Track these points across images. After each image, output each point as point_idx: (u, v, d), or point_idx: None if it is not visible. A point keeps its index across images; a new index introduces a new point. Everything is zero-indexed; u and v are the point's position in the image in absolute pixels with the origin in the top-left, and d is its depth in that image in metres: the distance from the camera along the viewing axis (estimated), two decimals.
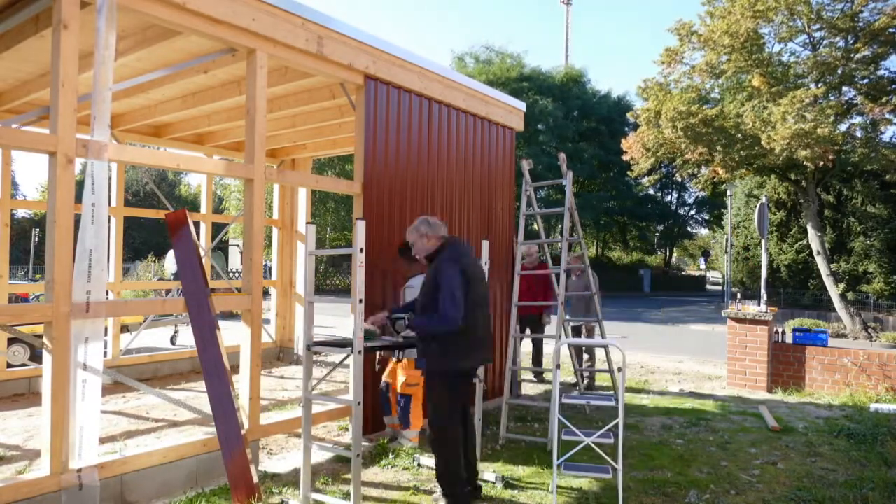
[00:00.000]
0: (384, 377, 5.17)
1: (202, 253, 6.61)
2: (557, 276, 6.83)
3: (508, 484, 4.65)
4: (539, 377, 9.21)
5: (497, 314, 7.31)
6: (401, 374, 4.89)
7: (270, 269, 14.17)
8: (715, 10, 18.32)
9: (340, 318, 16.96)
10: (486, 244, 5.23)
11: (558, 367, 4.39)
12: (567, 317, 7.55)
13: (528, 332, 8.62)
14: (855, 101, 18.29)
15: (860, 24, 17.12)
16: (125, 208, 8.50)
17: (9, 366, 7.61)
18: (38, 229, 30.82)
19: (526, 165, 6.88)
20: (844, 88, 18.25)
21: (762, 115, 17.39)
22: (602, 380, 9.01)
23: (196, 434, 5.65)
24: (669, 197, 49.48)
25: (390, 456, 5.21)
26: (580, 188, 42.64)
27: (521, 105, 8.15)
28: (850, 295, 22.60)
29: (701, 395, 8.40)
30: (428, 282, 4.14)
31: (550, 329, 9.12)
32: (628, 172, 28.99)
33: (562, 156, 6.95)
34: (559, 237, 6.47)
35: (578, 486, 4.68)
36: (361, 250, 3.93)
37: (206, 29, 4.47)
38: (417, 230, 4.26)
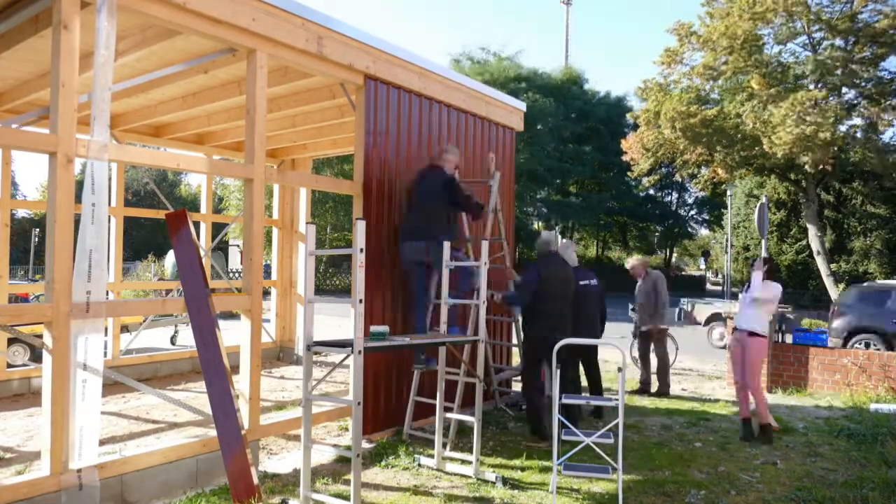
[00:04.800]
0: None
1: (202, 253, 6.61)
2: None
3: (508, 484, 4.65)
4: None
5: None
6: None
7: (270, 269, 14.16)
8: (714, 10, 18.34)
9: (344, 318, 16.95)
10: (485, 244, 5.21)
11: (557, 367, 4.39)
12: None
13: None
14: (855, 103, 18.29)
15: (859, 25, 17.13)
16: (125, 208, 8.50)
17: (9, 366, 7.60)
18: (38, 229, 30.78)
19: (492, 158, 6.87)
20: (844, 89, 18.26)
21: (762, 116, 17.40)
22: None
23: (196, 434, 5.65)
24: (669, 197, 49.42)
25: (390, 456, 5.21)
26: (580, 188, 42.61)
27: (522, 105, 8.14)
28: None
29: (701, 395, 8.39)
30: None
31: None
32: (628, 173, 28.98)
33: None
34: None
35: (578, 487, 4.68)
36: (361, 250, 3.93)
37: (206, 29, 4.47)
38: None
